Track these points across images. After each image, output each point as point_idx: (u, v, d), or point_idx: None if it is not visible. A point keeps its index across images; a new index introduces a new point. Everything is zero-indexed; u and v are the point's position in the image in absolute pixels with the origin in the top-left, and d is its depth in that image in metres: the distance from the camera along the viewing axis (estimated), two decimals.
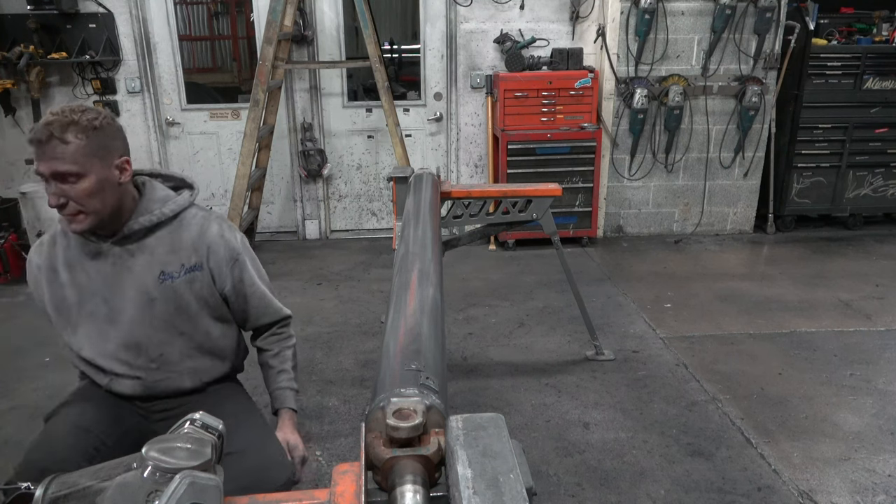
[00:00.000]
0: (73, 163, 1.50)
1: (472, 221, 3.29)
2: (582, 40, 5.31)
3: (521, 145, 5.04)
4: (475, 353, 3.58)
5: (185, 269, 1.72)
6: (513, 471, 0.79)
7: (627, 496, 2.43)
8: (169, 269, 1.71)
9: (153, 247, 1.70)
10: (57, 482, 1.00)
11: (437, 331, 1.24)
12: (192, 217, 1.76)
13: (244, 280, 1.82)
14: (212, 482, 0.86)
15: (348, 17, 5.27)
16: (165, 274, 1.71)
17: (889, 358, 3.45)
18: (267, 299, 1.89)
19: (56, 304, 1.73)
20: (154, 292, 1.70)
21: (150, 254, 1.70)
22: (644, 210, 5.56)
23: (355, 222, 5.81)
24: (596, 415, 2.96)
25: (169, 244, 1.72)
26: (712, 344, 3.64)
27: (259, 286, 1.87)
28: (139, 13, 5.07)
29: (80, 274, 1.70)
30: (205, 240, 1.75)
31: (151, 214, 1.69)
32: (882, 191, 5.53)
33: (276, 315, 1.93)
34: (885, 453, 2.65)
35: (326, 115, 5.48)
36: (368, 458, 0.89)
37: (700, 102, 5.26)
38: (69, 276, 1.70)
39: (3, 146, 5.32)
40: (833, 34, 5.27)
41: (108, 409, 1.76)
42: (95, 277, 1.69)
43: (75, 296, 1.71)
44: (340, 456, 2.69)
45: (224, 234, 1.78)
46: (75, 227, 1.58)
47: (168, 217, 1.71)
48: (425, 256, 1.66)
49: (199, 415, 1.03)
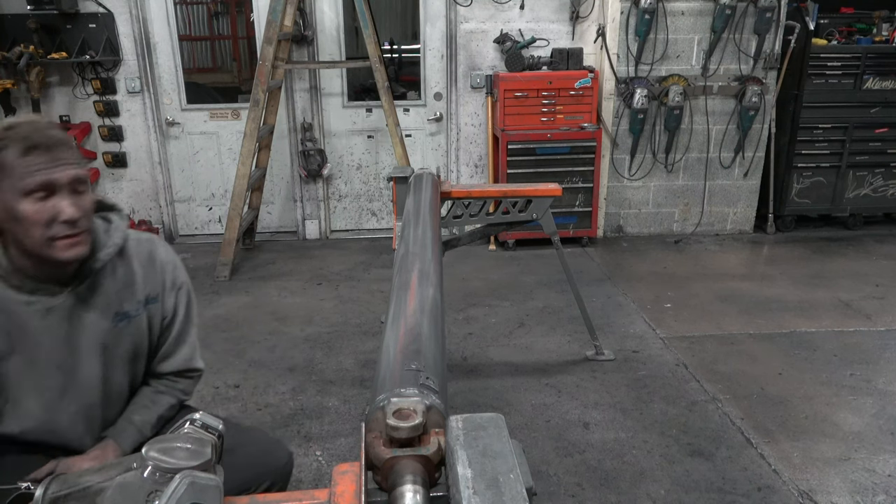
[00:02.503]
0: (83, 169, 1.34)
1: (472, 221, 3.29)
2: (582, 40, 5.31)
3: (521, 145, 5.04)
4: (475, 353, 3.58)
5: (143, 304, 1.51)
6: (513, 471, 0.79)
7: (627, 496, 2.43)
8: (125, 307, 1.47)
9: (106, 287, 1.44)
10: (57, 482, 1.00)
11: (437, 331, 1.24)
12: (136, 243, 1.52)
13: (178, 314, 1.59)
14: (212, 482, 0.86)
15: (348, 17, 5.27)
16: (120, 315, 1.47)
17: (889, 358, 3.45)
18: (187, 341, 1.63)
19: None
20: (109, 340, 1.46)
21: (104, 296, 1.44)
22: (644, 210, 5.56)
23: (355, 222, 5.81)
24: (596, 415, 2.96)
25: (122, 279, 1.47)
26: (712, 344, 3.64)
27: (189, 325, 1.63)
28: (139, 13, 5.07)
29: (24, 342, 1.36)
30: (155, 265, 1.54)
31: (107, 248, 1.42)
32: (882, 191, 5.53)
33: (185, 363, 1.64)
34: (885, 453, 2.65)
35: (326, 115, 5.48)
36: (368, 458, 0.89)
37: (700, 102, 5.26)
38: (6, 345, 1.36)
39: None
40: (833, 34, 5.27)
41: None
42: (46, 343, 1.38)
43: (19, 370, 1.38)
44: (340, 456, 2.69)
45: (173, 258, 1.59)
46: (79, 250, 1.33)
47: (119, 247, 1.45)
48: (425, 256, 1.66)
49: (199, 415, 1.04)
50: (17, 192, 1.25)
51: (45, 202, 1.27)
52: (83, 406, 1.47)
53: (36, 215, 1.26)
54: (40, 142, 1.27)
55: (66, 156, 1.30)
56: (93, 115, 5.25)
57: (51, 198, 1.28)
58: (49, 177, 1.26)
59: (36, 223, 1.27)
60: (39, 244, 1.29)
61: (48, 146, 1.27)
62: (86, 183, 1.34)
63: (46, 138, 1.28)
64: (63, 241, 1.30)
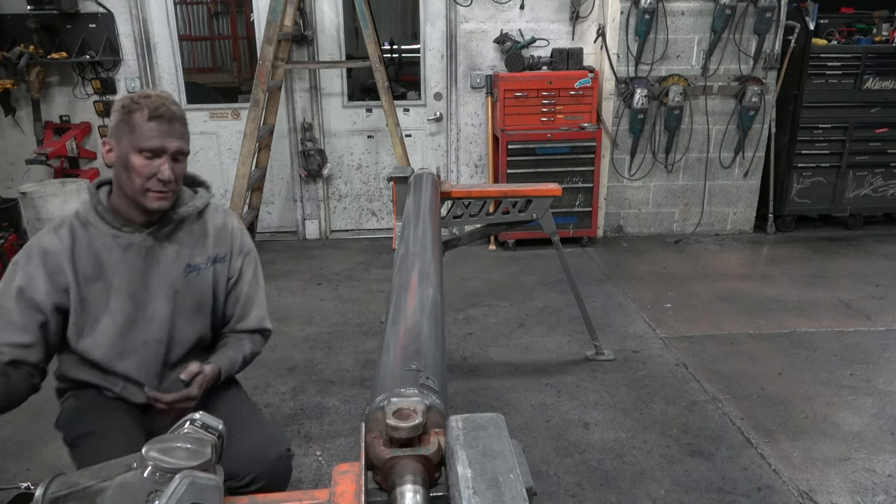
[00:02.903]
0: (188, 144, 1.65)
1: (472, 221, 3.29)
2: (582, 40, 5.31)
3: (521, 145, 5.04)
4: (475, 353, 3.58)
5: (211, 261, 1.76)
6: (513, 471, 0.79)
7: (627, 496, 2.43)
8: (195, 261, 1.73)
9: (181, 239, 1.71)
10: (57, 482, 1.00)
11: (437, 331, 1.24)
12: (214, 211, 1.81)
13: (244, 276, 1.82)
14: (212, 482, 0.86)
15: (348, 17, 5.27)
16: (191, 266, 1.72)
17: (889, 358, 3.45)
18: (257, 303, 1.85)
19: (74, 300, 1.61)
20: (179, 286, 1.70)
21: (178, 245, 1.71)
22: (644, 210, 5.56)
23: (355, 222, 5.81)
24: (596, 415, 2.96)
25: (195, 236, 1.74)
26: (712, 344, 3.64)
27: (257, 288, 1.85)
28: (139, 13, 5.07)
29: (106, 268, 1.63)
30: (227, 231, 1.80)
31: (187, 206, 1.72)
32: (882, 191, 5.53)
33: (259, 322, 1.86)
34: (885, 453, 2.65)
35: (326, 115, 5.48)
36: (368, 458, 0.89)
37: (700, 102, 5.26)
38: (94, 270, 1.63)
39: (3, 146, 5.32)
40: (833, 34, 5.27)
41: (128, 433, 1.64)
42: (123, 271, 1.64)
43: (100, 291, 1.63)
44: (340, 456, 2.69)
45: (242, 229, 1.85)
46: (163, 203, 1.61)
47: (198, 210, 1.75)
48: (425, 256, 1.66)
49: (199, 415, 1.03)
50: (134, 147, 1.56)
51: (151, 161, 1.57)
52: (150, 340, 1.69)
53: (141, 168, 1.56)
54: (164, 114, 1.56)
55: (179, 131, 1.61)
56: (93, 115, 5.25)
57: (156, 159, 1.57)
58: (161, 143, 1.56)
59: (139, 174, 1.56)
60: (136, 191, 1.58)
61: (168, 119, 1.57)
62: (185, 155, 1.64)
63: (169, 113, 1.57)
64: (154, 193, 1.59)
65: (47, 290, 1.59)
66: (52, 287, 1.59)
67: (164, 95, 1.60)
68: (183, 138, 1.62)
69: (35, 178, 5.18)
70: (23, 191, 4.56)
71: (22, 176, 5.30)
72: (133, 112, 1.55)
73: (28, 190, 4.57)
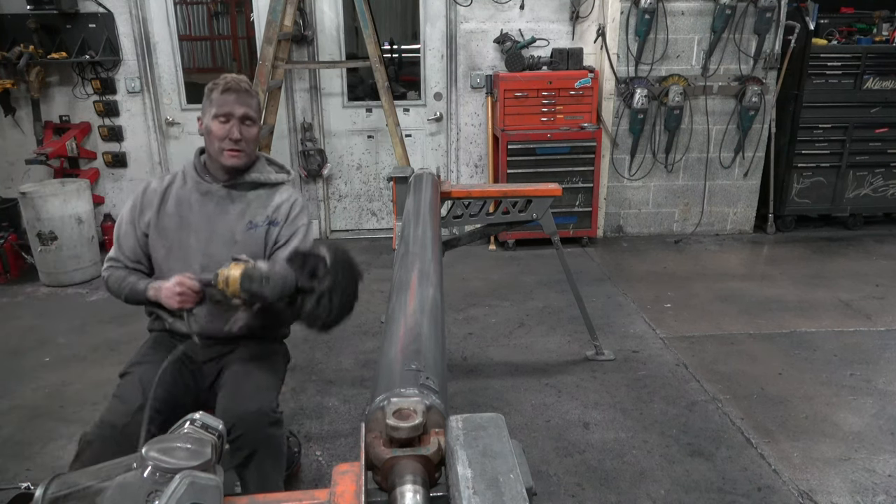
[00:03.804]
0: (256, 111, 1.99)
1: (472, 221, 3.29)
2: (582, 40, 5.31)
3: (521, 145, 5.04)
4: (475, 353, 3.58)
5: (267, 222, 2.04)
6: (513, 471, 0.79)
7: (627, 496, 2.43)
8: (256, 219, 2.03)
9: (250, 200, 2.04)
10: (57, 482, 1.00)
11: (437, 331, 1.24)
12: (285, 190, 2.12)
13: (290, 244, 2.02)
14: (212, 482, 0.86)
15: (348, 17, 5.27)
16: (251, 223, 2.02)
17: (889, 358, 3.45)
18: None
19: (158, 227, 2.00)
20: (238, 236, 2.00)
21: (246, 204, 2.03)
22: (644, 210, 5.56)
23: (355, 222, 5.81)
24: (596, 415, 2.96)
25: (261, 200, 2.06)
26: (712, 344, 3.64)
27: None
28: (139, 13, 5.07)
29: (185, 207, 2.01)
30: (288, 205, 2.08)
31: (261, 174, 2.06)
32: (882, 191, 5.53)
33: None
34: (885, 453, 2.65)
35: (326, 115, 5.48)
36: (368, 458, 0.89)
37: (700, 102, 5.26)
38: (176, 208, 2.01)
39: (3, 146, 5.32)
40: (833, 34, 5.27)
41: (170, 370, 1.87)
42: (198, 212, 2.00)
43: (176, 223, 2.00)
44: (340, 456, 2.69)
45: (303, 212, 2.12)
46: (235, 161, 1.97)
47: (272, 182, 2.08)
48: (425, 256, 1.66)
49: (199, 415, 1.03)
50: (212, 115, 1.94)
51: (224, 125, 1.93)
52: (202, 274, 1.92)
53: (217, 131, 1.94)
54: (233, 87, 1.94)
55: (246, 101, 1.96)
56: (93, 115, 5.25)
57: (228, 122, 1.93)
58: (230, 109, 1.93)
59: (216, 136, 1.94)
60: (215, 151, 1.97)
61: (237, 91, 1.94)
62: (253, 120, 1.98)
63: (237, 87, 1.94)
64: (228, 152, 1.95)
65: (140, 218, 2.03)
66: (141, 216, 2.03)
67: (237, 76, 1.97)
68: (249, 106, 1.96)
69: (35, 178, 5.18)
70: (23, 191, 4.55)
71: (22, 176, 5.30)
72: (213, 90, 1.95)
73: (28, 190, 4.57)
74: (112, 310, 4.17)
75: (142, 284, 1.96)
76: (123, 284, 1.99)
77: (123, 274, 2.02)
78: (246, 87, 1.96)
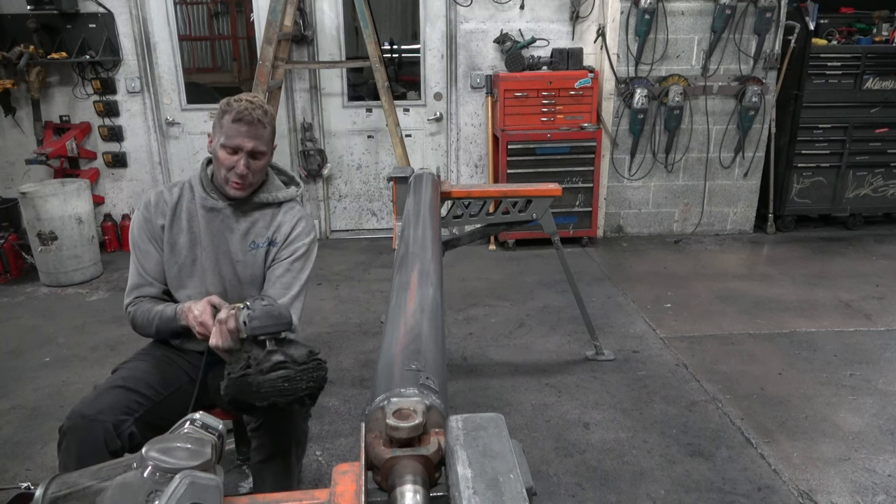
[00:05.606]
0: (266, 145, 1.92)
1: (472, 221, 3.29)
2: (582, 40, 5.31)
3: (521, 145, 5.04)
4: (475, 353, 3.58)
5: (267, 242, 2.01)
6: (513, 471, 0.79)
7: (627, 496, 2.43)
8: (258, 240, 2.00)
9: (255, 220, 2.01)
10: (57, 482, 1.00)
11: (437, 331, 1.24)
12: (291, 208, 2.06)
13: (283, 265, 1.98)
14: (212, 482, 0.86)
15: (348, 17, 5.27)
16: (253, 243, 2.00)
17: (889, 358, 3.45)
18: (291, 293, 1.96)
19: (170, 243, 1.98)
20: (240, 256, 1.99)
21: (251, 223, 2.00)
22: (644, 210, 5.56)
23: (355, 222, 5.81)
24: (596, 415, 2.96)
25: (267, 221, 2.02)
26: (712, 344, 3.64)
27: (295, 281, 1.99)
28: (139, 13, 5.07)
29: (194, 222, 1.98)
30: (290, 224, 2.03)
31: (269, 194, 2.02)
32: (882, 191, 5.53)
33: None
34: (885, 453, 2.65)
35: (326, 115, 5.48)
36: (368, 458, 0.89)
37: (700, 102, 5.26)
38: (187, 223, 1.98)
39: (4, 146, 5.32)
40: (833, 34, 5.27)
41: (161, 368, 1.93)
42: (205, 229, 1.97)
43: (188, 240, 1.98)
44: (340, 456, 2.69)
45: (307, 232, 2.05)
46: (240, 192, 1.93)
47: (279, 201, 2.04)
48: (425, 256, 1.66)
49: (199, 415, 1.03)
50: (220, 143, 1.87)
51: (231, 155, 1.87)
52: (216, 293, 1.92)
53: (224, 160, 1.88)
54: (245, 118, 1.84)
55: (257, 133, 1.87)
56: (93, 115, 5.25)
57: (236, 154, 1.87)
58: (239, 143, 1.86)
59: (222, 165, 1.89)
60: (221, 179, 1.93)
61: (248, 122, 1.85)
62: (264, 154, 1.92)
63: (250, 117, 1.85)
64: (234, 183, 1.91)
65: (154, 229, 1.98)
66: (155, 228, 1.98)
67: (254, 102, 1.88)
68: (259, 139, 1.88)
69: (35, 178, 5.18)
70: (23, 191, 4.56)
71: (22, 176, 5.31)
72: (225, 114, 1.87)
73: (28, 190, 4.57)
74: (112, 310, 4.17)
75: (169, 310, 1.88)
76: (151, 316, 1.90)
77: (149, 306, 1.93)
78: (259, 116, 1.87)
